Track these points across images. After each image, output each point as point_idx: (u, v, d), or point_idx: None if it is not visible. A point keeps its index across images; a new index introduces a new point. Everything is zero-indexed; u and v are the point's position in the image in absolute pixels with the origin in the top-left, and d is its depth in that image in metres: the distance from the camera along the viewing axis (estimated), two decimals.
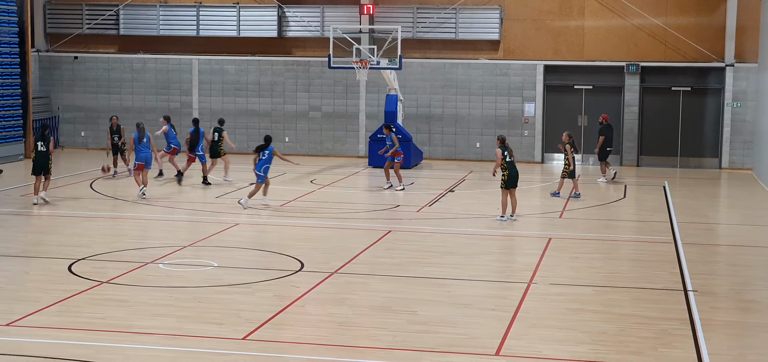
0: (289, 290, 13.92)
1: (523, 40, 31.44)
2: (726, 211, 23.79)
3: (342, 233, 18.88)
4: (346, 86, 32.12)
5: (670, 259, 16.41)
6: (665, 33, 30.50)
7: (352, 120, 32.35)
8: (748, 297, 14.12)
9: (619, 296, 13.90)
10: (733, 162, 30.31)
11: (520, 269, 15.51)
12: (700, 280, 14.79)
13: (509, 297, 13.63)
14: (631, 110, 30.83)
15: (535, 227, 19.99)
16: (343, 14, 32.11)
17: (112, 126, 26.63)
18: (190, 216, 20.52)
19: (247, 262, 16.02)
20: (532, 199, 24.19)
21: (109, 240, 17.51)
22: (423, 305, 13.18)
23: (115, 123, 26.61)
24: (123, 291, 13.69)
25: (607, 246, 17.98)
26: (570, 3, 31.07)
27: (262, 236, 18.52)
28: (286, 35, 32.72)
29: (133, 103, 33.35)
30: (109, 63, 33.69)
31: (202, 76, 33.09)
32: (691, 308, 13.09)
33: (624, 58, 30.87)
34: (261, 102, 32.80)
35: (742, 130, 30.17)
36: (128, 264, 15.26)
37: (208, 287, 13.99)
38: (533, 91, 31.27)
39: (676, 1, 30.49)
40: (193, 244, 17.13)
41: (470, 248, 17.69)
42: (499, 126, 31.37)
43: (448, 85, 31.71)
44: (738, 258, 17.15)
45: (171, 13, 33.17)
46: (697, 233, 19.29)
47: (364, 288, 14.33)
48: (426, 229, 19.20)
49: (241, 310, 12.72)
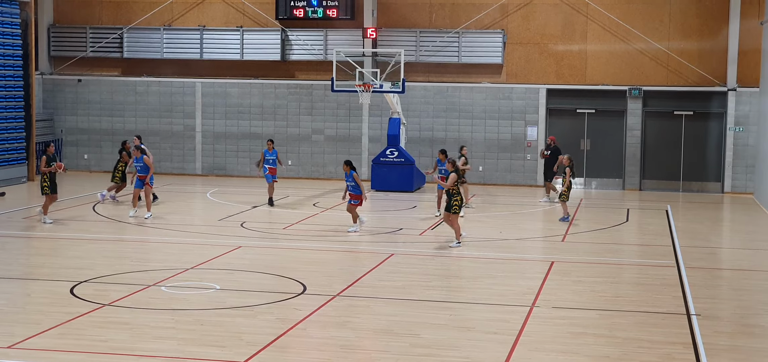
0: (292, 313, 13.89)
1: (526, 63, 31.51)
2: (729, 235, 23.75)
3: (344, 256, 18.86)
4: (348, 109, 32.17)
5: (673, 283, 16.37)
6: (668, 57, 30.56)
7: (354, 143, 32.39)
8: (751, 321, 14.08)
9: (622, 320, 13.86)
10: (735, 186, 30.30)
11: (522, 292, 15.48)
12: (703, 304, 14.75)
13: (512, 321, 13.60)
14: (634, 134, 30.86)
15: (538, 250, 19.96)
16: (346, 38, 32.21)
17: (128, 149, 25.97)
18: (192, 239, 20.51)
19: (250, 285, 15.99)
20: (535, 223, 24.17)
21: (111, 263, 17.50)
22: (425, 328, 13.14)
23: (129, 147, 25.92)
24: (125, 314, 13.67)
25: (610, 269, 17.94)
26: (573, 27, 31.15)
27: (264, 259, 18.49)
28: (289, 58, 32.82)
29: (137, 126, 33.40)
30: (113, 86, 33.78)
31: (205, 99, 33.16)
32: (695, 332, 13.05)
33: (626, 82, 30.92)
34: (264, 125, 32.86)
35: (745, 155, 30.18)
36: (130, 287, 15.24)
37: (210, 310, 13.97)
38: (536, 114, 31.31)
39: (678, 26, 30.57)
40: (195, 267, 17.11)
41: (473, 271, 17.67)
42: (503, 150, 31.41)
43: (450, 108, 31.76)
44: (741, 282, 17.11)
45: (174, 36, 33.29)
46: (700, 257, 19.25)
47: (367, 311, 14.30)
48: (428, 252, 19.17)
49: (243, 333, 12.69)
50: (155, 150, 33.04)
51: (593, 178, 31.46)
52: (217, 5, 33.17)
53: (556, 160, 26.98)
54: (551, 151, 27.26)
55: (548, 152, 27.32)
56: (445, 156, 23.12)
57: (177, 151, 33.40)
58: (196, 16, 33.32)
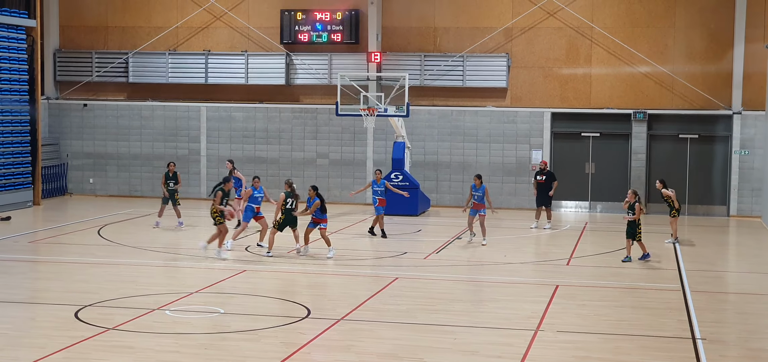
0: (296, 337, 13.87)
1: (531, 87, 31.55)
2: (734, 259, 23.69)
3: (349, 280, 18.85)
4: (353, 133, 32.22)
5: (678, 307, 16.33)
6: (673, 80, 30.58)
7: (359, 167, 32.41)
8: (756, 345, 14.02)
9: (627, 344, 13.81)
10: (741, 209, 30.25)
11: (526, 316, 15.45)
12: (708, 328, 14.70)
13: (516, 345, 13.56)
14: (639, 157, 30.84)
15: (542, 274, 19.93)
16: (351, 62, 32.29)
17: (168, 172, 25.72)
18: (197, 263, 20.50)
19: (254, 309, 15.98)
20: (540, 246, 24.14)
21: (116, 287, 17.49)
22: (430, 352, 13.12)
23: (172, 169, 25.76)
24: (129, 338, 13.66)
25: (615, 293, 17.90)
26: (577, 50, 31.21)
27: (268, 282, 18.48)
28: (294, 83, 32.90)
29: (142, 150, 33.48)
30: (118, 110, 33.88)
31: (210, 123, 33.24)
32: (700, 356, 13.01)
33: (631, 105, 30.93)
34: (269, 149, 32.91)
35: (751, 178, 30.14)
36: (135, 311, 15.23)
37: (215, 334, 13.96)
38: (541, 138, 31.32)
39: (683, 49, 30.60)
40: (199, 291, 17.11)
41: (477, 295, 17.64)
42: (507, 173, 31.42)
43: (455, 132, 31.78)
44: (747, 306, 17.05)
45: (180, 60, 33.40)
46: (706, 281, 19.20)
47: (371, 335, 14.28)
48: (433, 276, 19.15)
49: (247, 357, 12.68)
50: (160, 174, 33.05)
51: (598, 202, 31.42)
52: (222, 30, 33.30)
53: (550, 186, 26.97)
54: (546, 175, 27.17)
55: (543, 177, 27.17)
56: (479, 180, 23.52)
57: (182, 174, 33.29)
58: (201, 41, 33.43)
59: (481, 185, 23.26)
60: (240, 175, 25.47)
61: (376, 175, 25.15)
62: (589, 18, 30.95)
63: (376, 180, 24.87)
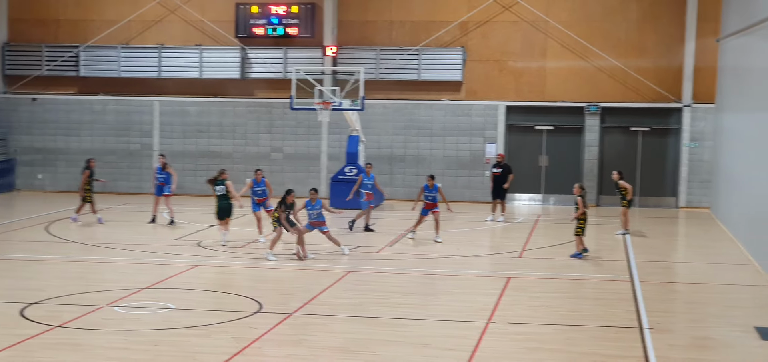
0: (247, 332, 13.79)
1: (486, 80, 31.64)
2: (683, 249, 23.96)
3: (301, 274, 18.78)
4: (308, 127, 32.11)
5: (627, 298, 16.47)
6: (625, 74, 30.83)
7: (313, 161, 32.32)
8: (702, 334, 14.18)
9: (578, 335, 13.91)
10: (690, 201, 30.60)
11: (478, 309, 15.49)
12: (656, 318, 14.84)
13: (468, 337, 13.59)
14: (591, 150, 31.07)
15: (495, 267, 20.00)
16: (306, 56, 32.17)
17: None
18: (147, 259, 20.32)
19: (205, 304, 15.86)
20: (493, 239, 24.23)
21: (63, 284, 17.27)
22: (382, 346, 13.10)
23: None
24: (77, 335, 13.49)
25: (566, 285, 18.01)
26: (532, 45, 31.35)
27: (220, 278, 18.36)
28: (249, 77, 32.70)
29: (93, 145, 33.10)
30: (69, 105, 33.46)
31: (163, 118, 32.94)
32: (647, 345, 13.13)
33: (585, 98, 31.15)
34: (223, 143, 32.70)
35: (700, 170, 30.49)
36: (83, 308, 15.05)
37: (165, 330, 13.83)
38: (495, 131, 31.44)
39: (635, 43, 30.86)
40: (150, 287, 16.95)
41: (429, 288, 17.67)
42: (462, 167, 31.49)
43: (410, 125, 31.80)
44: (694, 295, 17.25)
45: (132, 54, 33.05)
46: (655, 271, 19.39)
47: (323, 329, 14.23)
48: (385, 270, 19.14)
49: (198, 353, 12.58)
50: (112, 169, 32.79)
51: (551, 195, 31.62)
52: (176, 24, 33.01)
53: (506, 178, 27.07)
54: (502, 168, 27.27)
55: (499, 170, 27.26)
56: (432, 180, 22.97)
57: (134, 170, 33.12)
58: (155, 35, 33.12)
59: (434, 185, 22.74)
60: (172, 171, 25.51)
61: (366, 168, 24.88)
62: (544, 12, 31.10)
63: (366, 173, 24.58)
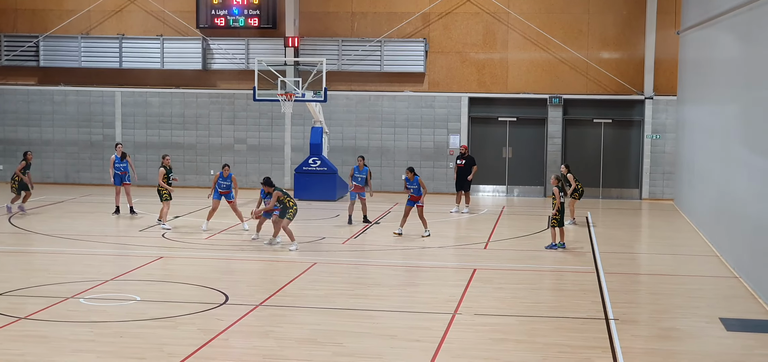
0: (214, 323, 13.75)
1: (448, 72, 31.73)
2: (647, 241, 24.21)
3: (267, 265, 18.75)
4: (271, 119, 32.02)
5: (592, 289, 16.63)
6: (587, 66, 31.07)
7: (277, 152, 32.24)
8: (667, 324, 14.36)
9: (543, 326, 14.02)
10: (653, 192, 30.93)
11: (444, 300, 15.57)
12: (621, 309, 15.01)
13: (434, 328, 13.66)
14: (554, 142, 31.29)
15: (460, 258, 20.10)
16: (268, 47, 32.06)
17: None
18: (112, 250, 20.18)
19: (171, 296, 15.79)
20: (458, 230, 24.34)
21: (27, 276, 17.11)
22: (348, 337, 13.13)
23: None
24: (42, 327, 13.38)
25: (531, 276, 18.15)
26: (494, 36, 31.48)
27: (186, 269, 18.28)
28: (211, 68, 32.53)
29: (54, 136, 32.77)
30: (29, 95, 33.09)
31: (125, 109, 32.68)
32: (613, 336, 13.28)
33: (547, 90, 31.35)
34: (185, 135, 32.51)
35: (662, 161, 30.82)
36: (48, 300, 14.93)
37: (130, 321, 13.76)
38: (458, 123, 31.54)
39: (597, 35, 31.10)
40: (115, 278, 16.84)
41: (395, 279, 17.72)
42: (425, 158, 31.58)
43: (373, 117, 31.82)
44: (658, 287, 17.45)
45: (93, 44, 32.73)
46: (619, 262, 19.59)
47: (290, 320, 14.24)
48: (351, 261, 19.17)
49: (164, 344, 12.53)
50: (74, 160, 32.51)
51: (515, 186, 31.81)
52: (137, 13, 32.74)
53: (469, 170, 27.21)
54: (466, 159, 27.41)
55: (463, 161, 27.41)
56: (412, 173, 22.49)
57: (96, 161, 32.84)
58: (115, 25, 32.84)
59: (415, 177, 22.44)
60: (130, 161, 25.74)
61: (358, 161, 24.56)
62: (505, 3, 31.23)
63: (359, 167, 24.34)
